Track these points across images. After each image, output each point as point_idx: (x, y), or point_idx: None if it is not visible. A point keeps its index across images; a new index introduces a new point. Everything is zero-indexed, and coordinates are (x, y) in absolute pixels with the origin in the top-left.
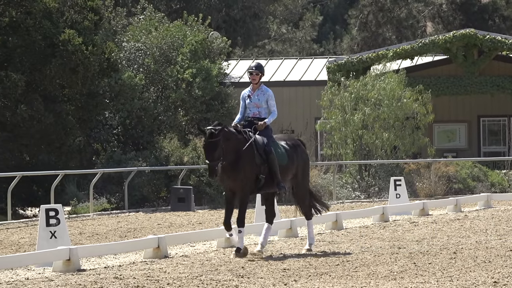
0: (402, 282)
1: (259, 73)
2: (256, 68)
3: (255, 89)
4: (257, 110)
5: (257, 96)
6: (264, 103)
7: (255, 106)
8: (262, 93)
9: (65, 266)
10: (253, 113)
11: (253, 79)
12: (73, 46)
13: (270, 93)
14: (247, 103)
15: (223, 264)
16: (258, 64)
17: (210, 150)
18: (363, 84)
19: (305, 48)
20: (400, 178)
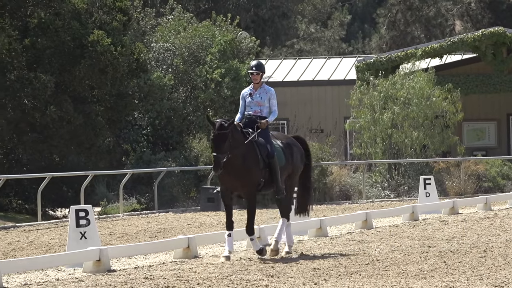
0: (432, 281)
1: (259, 73)
2: (256, 68)
3: (256, 88)
4: (259, 108)
5: (259, 95)
6: (266, 102)
7: (256, 104)
8: (265, 91)
9: (95, 266)
10: (254, 111)
11: (254, 78)
12: (102, 47)
13: (273, 92)
14: (248, 101)
15: (253, 263)
16: (258, 63)
17: (218, 142)
18: (392, 83)
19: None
20: (430, 176)
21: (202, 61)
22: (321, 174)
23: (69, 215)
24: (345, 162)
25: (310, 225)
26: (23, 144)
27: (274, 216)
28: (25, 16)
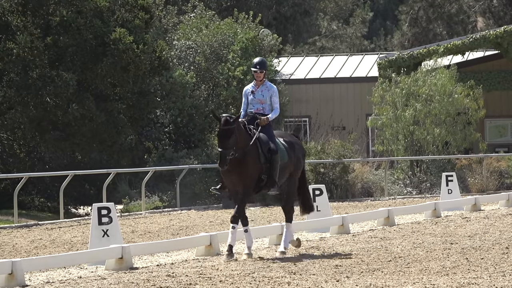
0: (454, 278)
1: (263, 71)
2: (259, 65)
3: (259, 85)
4: (261, 106)
5: (261, 92)
6: (268, 99)
7: (259, 102)
8: (267, 89)
9: (118, 264)
10: (256, 109)
11: (257, 76)
12: (124, 44)
13: (275, 89)
14: (250, 99)
15: (275, 261)
16: (261, 60)
17: (224, 138)
18: (414, 80)
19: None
20: (452, 173)
21: (224, 58)
22: (343, 171)
23: (91, 213)
24: (367, 159)
25: (332, 222)
26: (46, 142)
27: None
28: (47, 14)
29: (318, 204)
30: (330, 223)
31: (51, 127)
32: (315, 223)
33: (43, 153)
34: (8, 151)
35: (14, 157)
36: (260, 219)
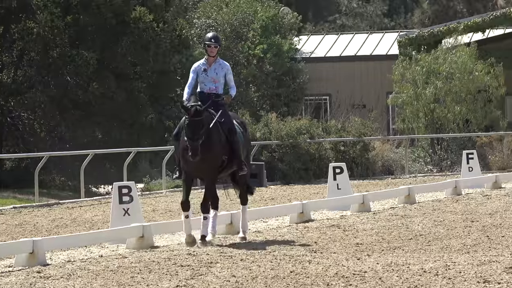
0: (475, 256)
1: (217, 45)
2: (215, 40)
3: (211, 62)
4: (214, 86)
5: (214, 70)
6: (222, 78)
7: (211, 81)
8: (220, 67)
9: (139, 243)
10: (209, 88)
11: (211, 51)
12: (144, 23)
13: (229, 67)
14: (202, 77)
15: (295, 239)
16: (215, 35)
17: (195, 129)
18: (435, 57)
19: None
20: (473, 151)
21: (244, 37)
22: (364, 149)
23: (112, 191)
24: (388, 137)
25: (353, 200)
26: (66, 121)
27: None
28: None
29: (338, 182)
30: (351, 201)
31: (72, 106)
32: (335, 201)
33: (63, 132)
34: (28, 131)
35: (35, 136)
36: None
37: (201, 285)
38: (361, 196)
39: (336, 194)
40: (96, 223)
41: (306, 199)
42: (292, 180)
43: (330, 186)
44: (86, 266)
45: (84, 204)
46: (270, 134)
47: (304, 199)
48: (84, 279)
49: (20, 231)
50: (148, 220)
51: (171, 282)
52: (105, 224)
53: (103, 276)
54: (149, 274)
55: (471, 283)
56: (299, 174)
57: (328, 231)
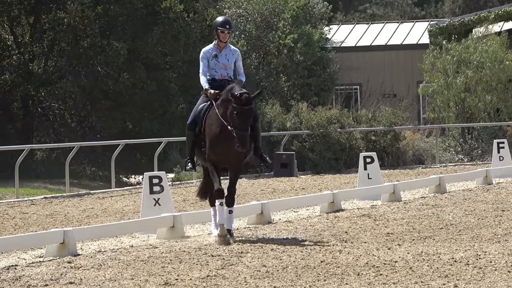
0: (506, 245)
1: (230, 31)
2: (229, 25)
3: (222, 48)
4: (225, 72)
5: (225, 56)
6: (233, 65)
7: (223, 67)
8: (231, 53)
9: (169, 233)
10: (220, 75)
11: (223, 37)
12: (175, 13)
13: (239, 53)
14: (213, 63)
15: (326, 229)
16: (227, 19)
17: (247, 118)
18: (465, 47)
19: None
20: (503, 140)
21: (275, 26)
22: (394, 138)
23: (142, 182)
24: (418, 126)
25: (384, 190)
26: (97, 111)
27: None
28: None
29: (369, 172)
30: (381, 190)
31: (102, 96)
32: (366, 191)
33: (94, 122)
34: (59, 121)
35: (66, 127)
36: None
37: (232, 275)
38: (392, 185)
39: (367, 184)
40: (126, 213)
41: (336, 188)
42: (323, 169)
43: (360, 175)
44: (117, 256)
45: (114, 194)
46: (300, 124)
47: (334, 188)
48: (115, 269)
49: (51, 221)
50: (178, 210)
51: (202, 272)
52: (135, 214)
53: (133, 266)
54: (180, 264)
55: (501, 272)
56: (330, 164)
57: (359, 220)
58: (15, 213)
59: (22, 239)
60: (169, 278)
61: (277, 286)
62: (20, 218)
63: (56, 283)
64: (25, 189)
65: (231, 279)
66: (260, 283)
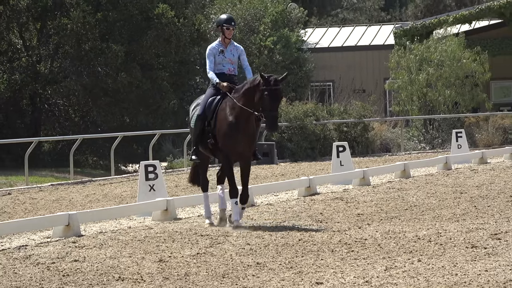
0: (464, 224)
1: (234, 27)
2: (233, 22)
3: (227, 44)
4: (232, 67)
5: (230, 52)
6: (237, 59)
7: (229, 62)
8: (235, 48)
9: (163, 215)
10: (228, 69)
11: (228, 33)
12: (167, 19)
13: (242, 48)
14: (220, 58)
15: (303, 210)
16: (230, 16)
17: (277, 99)
18: (427, 47)
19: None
20: (461, 130)
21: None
22: (364, 129)
23: (139, 170)
24: (385, 118)
25: (355, 175)
26: (97, 107)
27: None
28: None
29: (341, 159)
30: (353, 176)
31: (102, 93)
32: (339, 176)
33: (95, 117)
34: (64, 116)
35: (70, 121)
36: (290, 173)
37: (219, 253)
38: (362, 171)
39: (339, 170)
40: (125, 198)
41: (312, 174)
42: (300, 158)
43: (334, 163)
44: (116, 237)
45: (114, 181)
46: (280, 117)
47: (310, 174)
48: (115, 248)
49: (57, 205)
50: (171, 195)
51: (192, 250)
52: (133, 198)
53: (131, 245)
54: (173, 243)
55: (460, 248)
56: (306, 153)
57: (332, 203)
58: (25, 198)
59: (31, 222)
60: (163, 255)
61: (260, 262)
62: (30, 203)
63: (62, 260)
64: (34, 177)
65: (218, 256)
66: (245, 259)
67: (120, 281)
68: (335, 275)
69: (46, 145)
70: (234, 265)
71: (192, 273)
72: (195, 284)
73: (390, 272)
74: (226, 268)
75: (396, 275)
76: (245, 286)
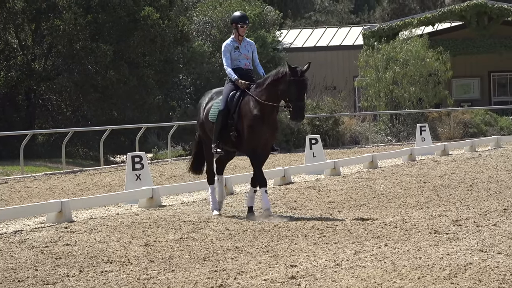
0: (427, 211)
1: (248, 25)
2: (247, 20)
3: (241, 41)
4: (248, 62)
5: (245, 47)
6: (251, 54)
7: (245, 58)
8: (249, 44)
9: (149, 203)
10: (244, 64)
11: (242, 31)
12: (152, 20)
13: (254, 44)
14: (236, 54)
15: (278, 198)
16: (244, 14)
17: (303, 89)
18: (393, 47)
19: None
20: (425, 124)
21: None
22: (334, 123)
23: (126, 160)
24: (355, 113)
25: (326, 166)
26: (88, 102)
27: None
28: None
29: (314, 151)
30: (324, 166)
31: (92, 89)
32: (311, 167)
33: (85, 111)
34: (57, 110)
35: (62, 115)
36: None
37: (201, 237)
38: (333, 162)
39: (312, 161)
40: (113, 187)
41: (287, 165)
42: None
43: (307, 154)
44: (105, 222)
45: (103, 171)
46: None
47: (285, 165)
48: (104, 233)
49: (50, 193)
50: (156, 183)
51: (176, 235)
52: (120, 187)
53: (119, 230)
54: (157, 228)
55: (424, 233)
56: (281, 145)
57: (306, 191)
58: (21, 187)
59: (26, 209)
60: (148, 240)
61: (239, 246)
62: (25, 191)
63: (55, 244)
64: (29, 167)
65: (200, 241)
66: (224, 243)
67: (109, 264)
68: (308, 258)
69: (40, 138)
70: (214, 249)
71: (175, 256)
72: (178, 267)
73: (359, 255)
74: (207, 251)
75: (365, 258)
76: (225, 268)
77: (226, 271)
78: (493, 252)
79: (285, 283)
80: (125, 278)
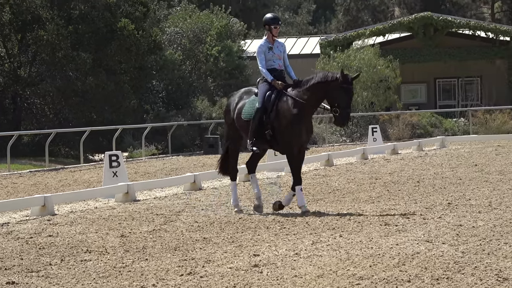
0: (378, 205)
1: (280, 26)
2: (279, 21)
3: (273, 41)
4: (281, 62)
5: (277, 48)
6: (282, 55)
7: (278, 58)
8: (280, 45)
9: (124, 197)
10: (278, 65)
11: (275, 32)
12: (128, 31)
13: (285, 46)
14: (270, 55)
15: (243, 194)
16: (276, 15)
17: (351, 97)
18: (347, 55)
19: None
20: (376, 126)
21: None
22: None
23: (104, 159)
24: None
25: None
26: (69, 106)
27: None
28: (69, 8)
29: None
30: (285, 164)
31: (73, 94)
32: (273, 164)
33: (67, 114)
34: (40, 113)
35: (45, 117)
36: None
37: (172, 229)
38: None
39: (274, 159)
40: (92, 183)
41: None
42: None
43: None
44: (85, 215)
45: (83, 169)
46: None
47: None
48: (83, 225)
49: (35, 189)
50: (131, 180)
51: (149, 227)
52: (99, 183)
53: (97, 223)
54: (132, 221)
55: (375, 225)
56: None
57: (268, 187)
58: (7, 183)
59: (12, 203)
60: (124, 231)
61: (206, 237)
62: (11, 187)
63: (38, 236)
64: (15, 165)
65: (171, 232)
66: (193, 235)
67: (88, 253)
68: (269, 248)
69: (25, 138)
70: (184, 240)
71: (149, 247)
72: (151, 256)
73: (316, 245)
74: (178, 242)
75: (321, 248)
76: (194, 257)
77: (195, 260)
78: (438, 242)
79: (249, 270)
80: (103, 266)
